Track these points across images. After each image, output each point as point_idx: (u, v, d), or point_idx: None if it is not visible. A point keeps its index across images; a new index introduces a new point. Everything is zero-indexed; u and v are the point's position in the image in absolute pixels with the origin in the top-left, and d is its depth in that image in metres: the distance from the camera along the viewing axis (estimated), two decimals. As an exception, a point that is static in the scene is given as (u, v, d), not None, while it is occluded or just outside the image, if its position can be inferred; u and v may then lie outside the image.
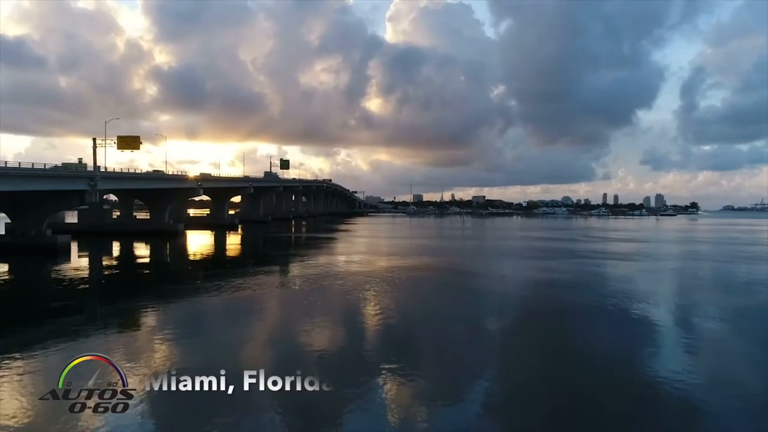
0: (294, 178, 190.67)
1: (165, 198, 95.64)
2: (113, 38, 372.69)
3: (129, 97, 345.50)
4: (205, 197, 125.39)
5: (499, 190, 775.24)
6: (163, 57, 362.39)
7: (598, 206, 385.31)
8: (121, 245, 76.12)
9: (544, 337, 27.67)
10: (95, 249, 70.99)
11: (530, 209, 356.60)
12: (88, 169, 74.59)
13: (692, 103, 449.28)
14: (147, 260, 64.81)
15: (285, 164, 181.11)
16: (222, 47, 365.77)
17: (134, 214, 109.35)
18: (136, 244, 78.13)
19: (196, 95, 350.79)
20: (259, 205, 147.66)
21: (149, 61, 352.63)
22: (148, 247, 77.69)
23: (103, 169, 75.70)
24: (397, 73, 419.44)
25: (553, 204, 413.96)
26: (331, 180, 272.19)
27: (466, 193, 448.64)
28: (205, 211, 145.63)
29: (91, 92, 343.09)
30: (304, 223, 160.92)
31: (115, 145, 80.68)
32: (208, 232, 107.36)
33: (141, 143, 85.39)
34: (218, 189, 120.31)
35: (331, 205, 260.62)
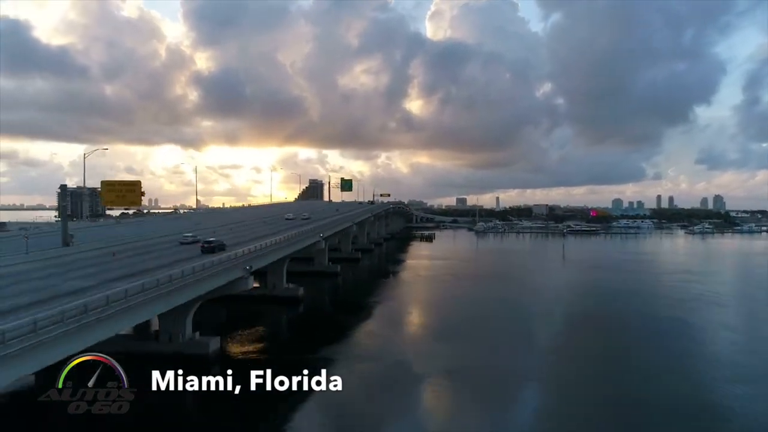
0: (383, 202, 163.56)
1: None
2: (155, 45, 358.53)
3: (171, 104, 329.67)
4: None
5: (543, 192, 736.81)
6: (203, 62, 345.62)
7: (694, 218, 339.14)
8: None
9: None
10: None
11: (605, 221, 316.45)
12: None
13: (755, 98, 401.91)
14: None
15: (347, 185, 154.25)
16: (261, 51, 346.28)
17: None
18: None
19: (236, 100, 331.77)
20: (348, 238, 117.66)
21: (190, 66, 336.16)
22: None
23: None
24: (440, 72, 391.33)
25: (626, 210, 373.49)
26: (389, 194, 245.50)
27: (508, 195, 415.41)
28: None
29: (134, 99, 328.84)
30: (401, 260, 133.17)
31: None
32: (308, 279, 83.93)
33: (143, 192, 61.40)
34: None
35: (390, 225, 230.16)
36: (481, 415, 34.83)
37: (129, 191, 59.46)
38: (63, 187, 60.02)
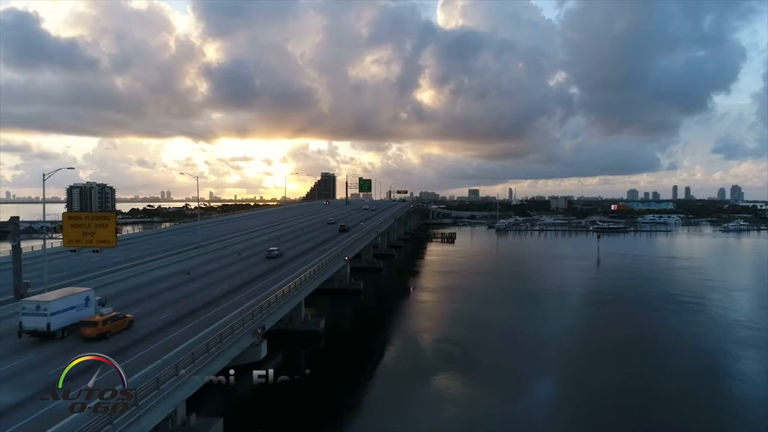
0: (401, 200, 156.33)
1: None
2: (164, 37, 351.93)
3: (181, 96, 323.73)
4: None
5: (555, 183, 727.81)
6: (212, 54, 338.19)
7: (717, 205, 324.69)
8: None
9: None
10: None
11: (629, 215, 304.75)
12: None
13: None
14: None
15: (366, 185, 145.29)
16: (270, 42, 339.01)
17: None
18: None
19: (246, 91, 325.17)
20: (369, 244, 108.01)
21: (199, 58, 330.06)
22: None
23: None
24: (452, 62, 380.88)
25: (646, 203, 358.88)
26: (406, 191, 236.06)
27: (520, 186, 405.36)
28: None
29: (145, 92, 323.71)
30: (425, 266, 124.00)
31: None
32: (326, 300, 76.25)
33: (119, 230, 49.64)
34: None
35: (408, 223, 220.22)
36: None
37: (100, 226, 42.65)
38: (14, 219, 42.86)
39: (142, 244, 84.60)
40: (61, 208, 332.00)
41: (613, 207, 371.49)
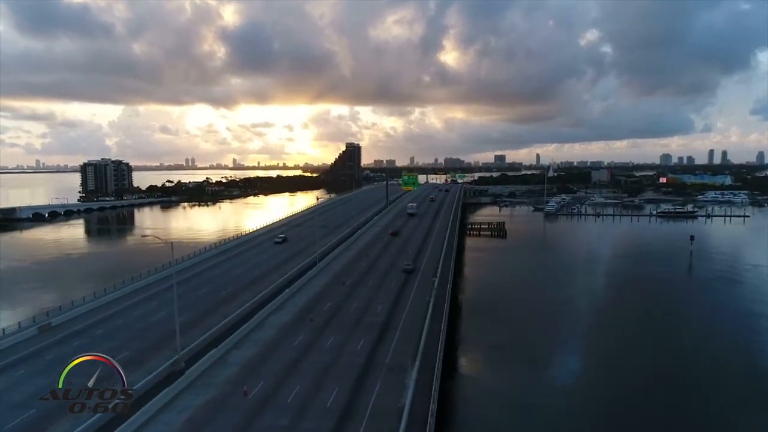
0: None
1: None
2: None
3: (199, 61, 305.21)
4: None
5: (582, 146, 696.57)
6: (229, 16, 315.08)
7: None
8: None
9: None
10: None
11: (683, 191, 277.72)
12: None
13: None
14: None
15: (412, 181, 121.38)
16: (288, 2, 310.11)
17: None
18: None
19: (264, 55, 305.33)
20: None
21: (216, 21, 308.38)
22: None
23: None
24: (478, 21, 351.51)
25: (701, 174, 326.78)
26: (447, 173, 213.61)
27: (545, 150, 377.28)
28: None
29: (162, 57, 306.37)
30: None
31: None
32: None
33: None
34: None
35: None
36: None
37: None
38: None
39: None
40: (77, 183, 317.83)
41: (661, 180, 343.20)
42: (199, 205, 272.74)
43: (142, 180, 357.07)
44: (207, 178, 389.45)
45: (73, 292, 69.78)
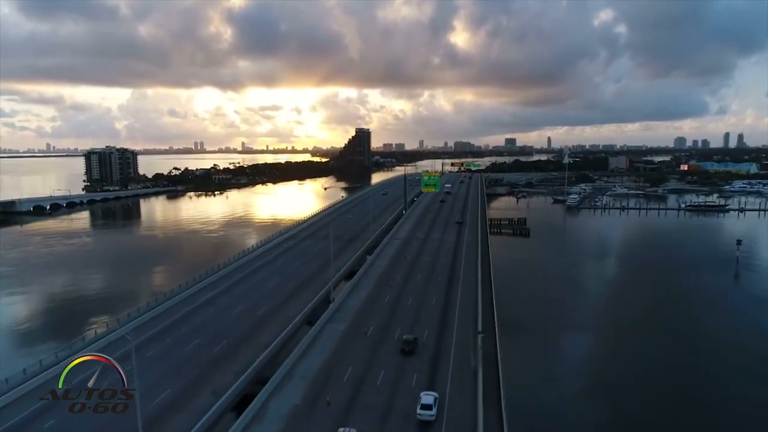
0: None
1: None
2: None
3: (206, 43, 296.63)
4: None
5: (593, 129, 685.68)
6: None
7: None
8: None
9: None
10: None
11: (708, 179, 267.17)
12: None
13: None
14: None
15: (433, 181, 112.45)
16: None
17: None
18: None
19: (271, 37, 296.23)
20: None
21: (222, 2, 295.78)
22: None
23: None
24: (489, 1, 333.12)
25: (724, 162, 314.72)
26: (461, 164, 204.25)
27: (556, 133, 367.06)
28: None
29: (168, 39, 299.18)
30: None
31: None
32: None
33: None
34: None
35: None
36: None
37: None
38: None
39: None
40: (82, 170, 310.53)
41: (683, 167, 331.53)
42: (206, 195, 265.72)
43: (149, 166, 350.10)
44: (215, 164, 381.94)
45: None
